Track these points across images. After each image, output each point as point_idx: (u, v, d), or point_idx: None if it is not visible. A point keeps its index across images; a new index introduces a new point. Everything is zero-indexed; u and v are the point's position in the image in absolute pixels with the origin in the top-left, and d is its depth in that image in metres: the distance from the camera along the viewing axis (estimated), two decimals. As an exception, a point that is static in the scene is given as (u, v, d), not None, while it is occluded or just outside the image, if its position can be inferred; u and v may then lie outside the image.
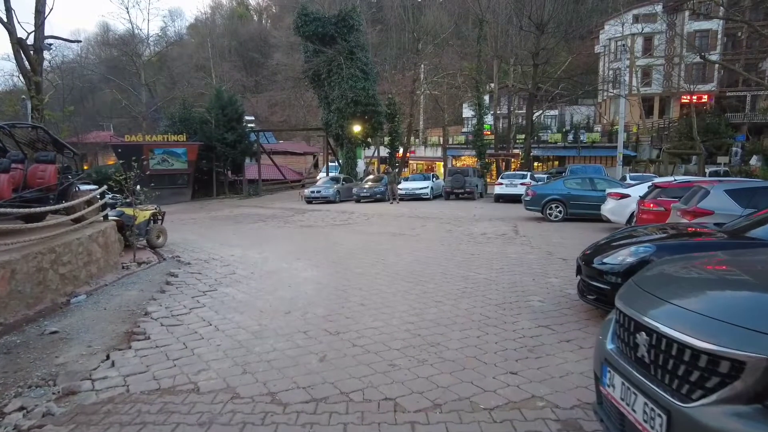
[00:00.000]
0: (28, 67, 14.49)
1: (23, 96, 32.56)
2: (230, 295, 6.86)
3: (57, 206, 7.81)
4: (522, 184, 23.04)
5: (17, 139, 8.49)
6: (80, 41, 19.26)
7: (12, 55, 15.40)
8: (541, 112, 41.30)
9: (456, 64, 37.21)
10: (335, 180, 27.26)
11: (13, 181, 7.70)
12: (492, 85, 39.69)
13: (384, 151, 37.99)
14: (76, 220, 8.40)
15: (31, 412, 3.59)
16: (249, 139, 35.48)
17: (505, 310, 5.87)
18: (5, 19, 14.38)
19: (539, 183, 20.71)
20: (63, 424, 3.41)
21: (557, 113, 53.39)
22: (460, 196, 25.49)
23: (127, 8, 70.68)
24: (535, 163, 42.59)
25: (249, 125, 38.09)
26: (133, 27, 62.34)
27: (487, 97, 36.73)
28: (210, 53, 63.14)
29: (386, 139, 36.19)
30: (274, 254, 10.26)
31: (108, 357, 4.63)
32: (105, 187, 9.44)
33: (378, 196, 24.48)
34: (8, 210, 6.80)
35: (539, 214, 16.20)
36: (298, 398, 3.68)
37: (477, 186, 26.15)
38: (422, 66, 38.21)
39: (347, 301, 6.38)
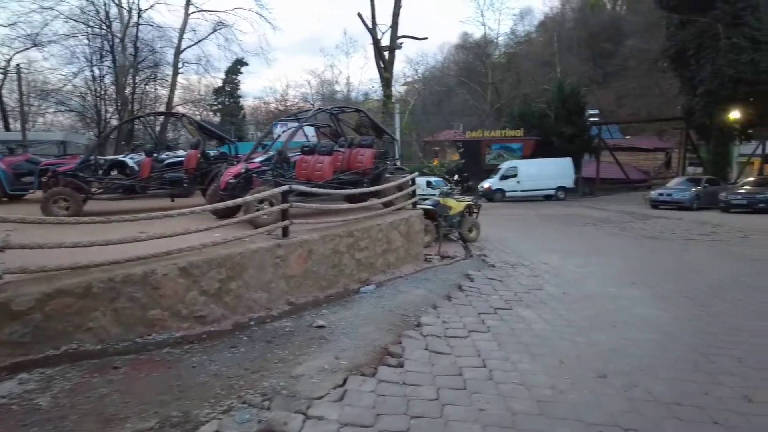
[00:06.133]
0: (383, 65, 16.16)
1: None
2: (527, 322, 5.07)
3: (355, 190, 7.56)
4: None
5: (347, 123, 8.81)
6: (426, 38, 20.78)
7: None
8: None
9: None
10: (694, 181, 21.53)
11: (335, 163, 7.89)
12: None
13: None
14: (386, 205, 8.14)
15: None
16: (589, 134, 32.27)
17: None
18: (369, 25, 16.26)
19: None
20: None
21: None
22: None
23: (482, 11, 75.42)
24: None
25: (592, 119, 34.71)
26: (485, 28, 66.68)
27: None
28: (556, 48, 61.46)
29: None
30: (600, 270, 7.87)
31: (344, 382, 3.58)
32: (416, 173, 9.00)
33: (762, 205, 17.89)
34: (305, 188, 6.74)
35: None
36: None
37: None
38: None
39: (714, 381, 3.70)
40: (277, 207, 5.81)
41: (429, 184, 23.91)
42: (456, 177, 21.19)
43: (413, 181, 8.77)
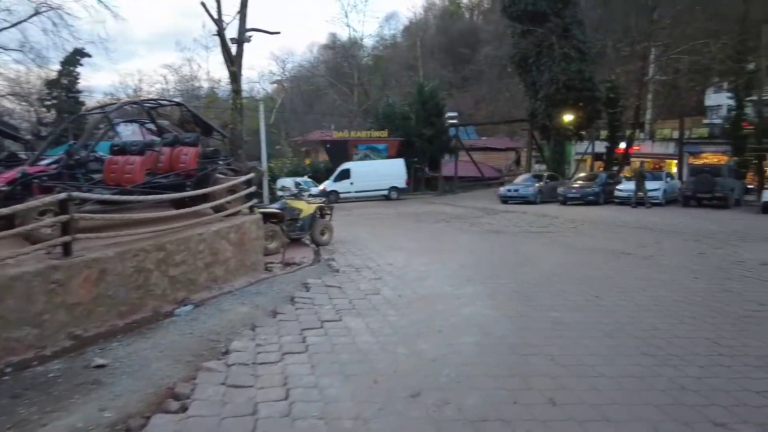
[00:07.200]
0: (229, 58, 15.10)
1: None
2: (351, 334, 4.66)
3: (171, 195, 6.62)
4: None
5: (169, 119, 7.78)
6: (279, 32, 19.92)
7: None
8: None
9: (704, 34, 29.22)
10: (537, 177, 23.57)
11: (150, 164, 6.86)
12: (752, 65, 30.16)
13: (600, 147, 32.26)
14: (216, 210, 7.30)
15: None
16: (448, 135, 33.89)
17: None
18: (215, 16, 15.05)
19: None
20: None
21: None
22: (706, 202, 19.37)
23: (346, 12, 75.55)
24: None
25: (451, 121, 36.48)
26: (350, 29, 67.15)
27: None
28: (419, 52, 64.01)
29: (603, 132, 30.63)
30: (441, 268, 7.85)
31: (95, 447, 2.81)
32: (252, 174, 8.26)
33: (591, 198, 20.08)
34: (95, 195, 5.75)
35: None
36: None
37: (733, 190, 19.57)
38: (654, 47, 31.12)
39: (525, 386, 3.58)
40: (50, 220, 4.73)
41: (297, 185, 23.18)
42: (306, 177, 20.76)
43: (249, 182, 8.00)
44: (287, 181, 24.06)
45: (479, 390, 3.49)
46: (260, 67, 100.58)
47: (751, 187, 23.48)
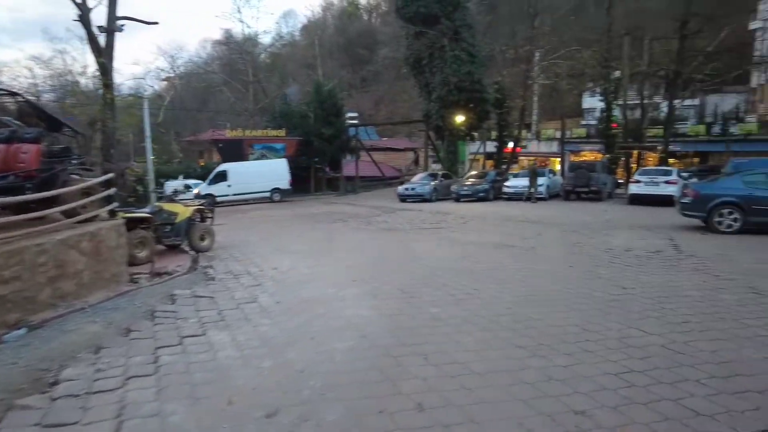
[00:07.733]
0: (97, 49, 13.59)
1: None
2: (213, 350, 4.17)
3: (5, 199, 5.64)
4: (667, 182, 18.16)
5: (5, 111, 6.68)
6: (157, 23, 18.44)
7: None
8: (681, 100, 34.09)
9: (578, 43, 31.99)
10: (432, 176, 24.20)
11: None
12: (618, 72, 33.59)
13: (492, 147, 33.98)
14: (68, 215, 6.37)
15: None
16: (348, 135, 33.68)
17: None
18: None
19: (691, 181, 15.97)
20: None
21: (696, 103, 44.64)
22: (584, 195, 21.08)
23: (238, 7, 72.33)
24: (669, 160, 35.58)
25: (351, 121, 36.32)
26: (243, 24, 64.29)
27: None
28: (318, 51, 63.32)
29: (494, 133, 32.27)
30: (328, 269, 7.55)
31: None
32: (111, 175, 7.36)
33: (481, 194, 20.98)
34: None
35: (700, 222, 11.76)
36: None
37: (606, 184, 21.48)
38: (537, 52, 33.50)
39: (394, 391, 3.37)
40: None
41: (187, 187, 21.70)
42: (181, 178, 19.49)
43: (109, 183, 7.10)
44: (173, 183, 22.47)
45: (344, 401, 3.21)
46: (147, 63, 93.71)
47: (621, 181, 26.09)
